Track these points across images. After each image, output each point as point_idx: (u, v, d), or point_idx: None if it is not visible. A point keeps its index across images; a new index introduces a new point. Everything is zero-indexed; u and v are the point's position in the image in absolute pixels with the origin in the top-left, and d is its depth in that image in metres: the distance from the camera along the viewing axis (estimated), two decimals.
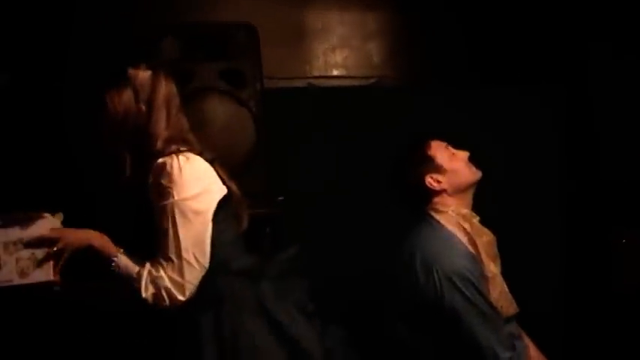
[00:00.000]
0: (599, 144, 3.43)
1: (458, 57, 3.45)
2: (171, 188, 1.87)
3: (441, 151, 2.33)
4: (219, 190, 1.97)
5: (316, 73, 3.45)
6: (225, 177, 2.02)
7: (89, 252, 1.92)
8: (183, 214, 1.88)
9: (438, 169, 2.31)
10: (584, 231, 3.43)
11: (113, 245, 1.94)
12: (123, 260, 1.91)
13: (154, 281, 1.88)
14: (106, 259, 1.91)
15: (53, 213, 1.96)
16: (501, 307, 2.26)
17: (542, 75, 3.46)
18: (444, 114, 3.24)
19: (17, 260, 1.90)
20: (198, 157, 1.95)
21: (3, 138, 2.90)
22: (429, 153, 2.33)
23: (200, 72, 2.70)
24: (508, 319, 2.29)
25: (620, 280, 3.23)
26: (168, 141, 1.95)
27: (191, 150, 1.96)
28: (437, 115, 3.23)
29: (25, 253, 1.90)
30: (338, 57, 3.48)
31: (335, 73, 3.47)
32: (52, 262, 1.91)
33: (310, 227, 3.13)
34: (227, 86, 2.73)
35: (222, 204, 1.97)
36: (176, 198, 1.87)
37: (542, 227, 3.43)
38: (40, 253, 1.90)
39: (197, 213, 1.90)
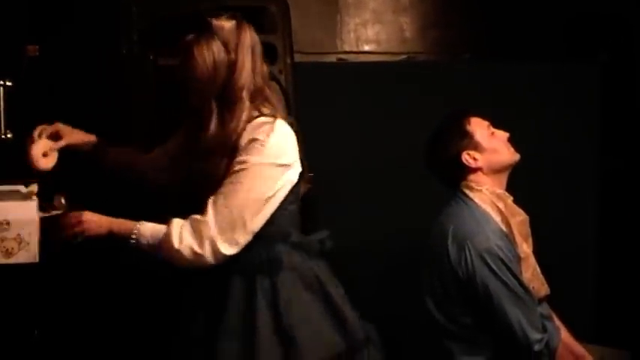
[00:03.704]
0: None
1: (491, 32, 3.39)
2: (263, 148, 1.83)
3: (480, 129, 2.30)
4: (298, 166, 1.94)
5: (347, 48, 3.42)
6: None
7: (106, 237, 1.90)
8: (260, 177, 1.83)
9: (476, 147, 2.28)
10: (618, 212, 3.37)
11: (129, 221, 1.91)
12: (146, 229, 1.88)
13: (197, 228, 1.82)
14: (126, 237, 1.88)
15: (27, 183, 1.92)
16: (533, 287, 2.24)
17: (580, 48, 3.38)
18: (476, 90, 3.20)
19: (2, 240, 1.89)
20: (289, 128, 1.92)
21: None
22: (468, 129, 2.29)
23: None
24: (539, 300, 2.28)
25: None
26: (254, 93, 1.91)
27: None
28: (469, 92, 3.18)
29: (11, 234, 1.89)
30: (370, 32, 3.44)
31: (366, 48, 3.44)
32: (37, 245, 1.89)
33: (340, 203, 3.11)
34: None
35: (299, 178, 1.95)
36: (262, 160, 1.83)
37: (576, 208, 3.38)
38: (26, 234, 1.89)
39: (273, 181, 1.85)
